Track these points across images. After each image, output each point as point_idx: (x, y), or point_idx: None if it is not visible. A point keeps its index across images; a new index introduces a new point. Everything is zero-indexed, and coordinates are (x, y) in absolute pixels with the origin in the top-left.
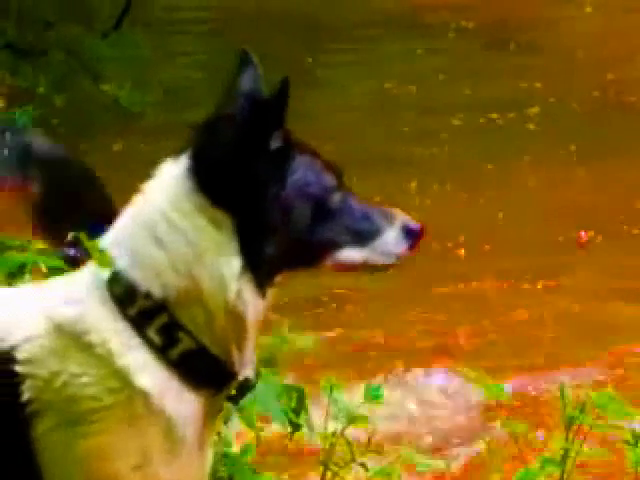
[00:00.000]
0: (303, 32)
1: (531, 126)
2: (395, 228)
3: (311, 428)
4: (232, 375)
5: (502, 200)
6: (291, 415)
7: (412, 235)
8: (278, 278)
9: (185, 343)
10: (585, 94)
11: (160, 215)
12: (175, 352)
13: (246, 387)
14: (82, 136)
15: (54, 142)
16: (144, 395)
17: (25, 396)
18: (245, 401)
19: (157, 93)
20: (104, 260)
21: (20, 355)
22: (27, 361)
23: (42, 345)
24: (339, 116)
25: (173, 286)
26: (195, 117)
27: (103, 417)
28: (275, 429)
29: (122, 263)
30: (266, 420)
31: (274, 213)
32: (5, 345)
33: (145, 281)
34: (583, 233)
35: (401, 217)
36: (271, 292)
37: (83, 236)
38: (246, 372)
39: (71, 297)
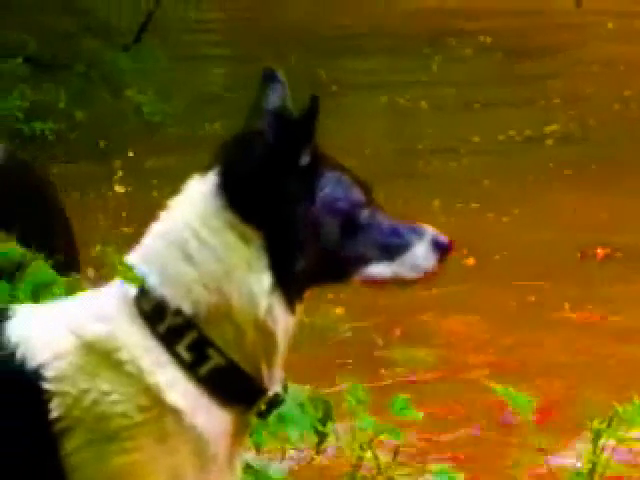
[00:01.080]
0: (319, 46)
1: (550, 142)
2: (424, 242)
3: (338, 439)
4: (262, 391)
5: (527, 218)
6: (318, 426)
7: (441, 249)
8: (306, 294)
9: (215, 360)
10: (605, 110)
11: (190, 232)
12: (205, 369)
13: (275, 402)
14: (113, 151)
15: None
16: (175, 412)
17: (54, 414)
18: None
19: (177, 105)
20: (132, 277)
21: (49, 373)
22: (56, 379)
23: (71, 363)
24: (355, 131)
25: (203, 303)
26: (216, 130)
27: (134, 435)
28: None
29: (151, 280)
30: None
31: (304, 229)
32: (34, 363)
33: (175, 298)
34: (599, 250)
35: (430, 231)
36: (300, 308)
37: (110, 252)
38: (275, 387)
39: (100, 314)
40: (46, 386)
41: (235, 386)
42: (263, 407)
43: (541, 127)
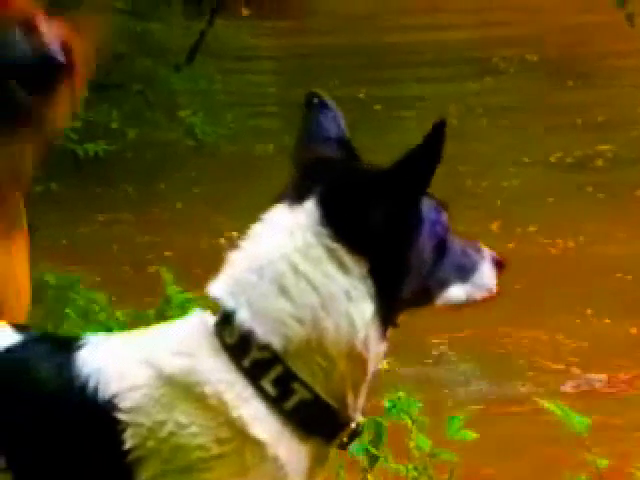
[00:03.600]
0: (366, 67)
1: (600, 163)
2: (486, 261)
3: (389, 464)
4: (346, 423)
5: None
6: (370, 448)
7: (499, 267)
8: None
9: (300, 394)
10: None
11: (287, 264)
12: (290, 403)
13: (356, 433)
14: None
15: None
16: (258, 445)
17: (128, 444)
18: None
19: (230, 125)
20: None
21: (123, 403)
22: (131, 409)
23: (146, 394)
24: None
25: (295, 337)
26: (268, 151)
27: (212, 467)
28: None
29: (241, 314)
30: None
31: (413, 255)
32: (107, 393)
33: (265, 332)
34: None
35: (486, 249)
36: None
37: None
38: (358, 417)
39: (181, 347)
40: (120, 416)
41: (320, 420)
42: (345, 439)
43: (591, 148)
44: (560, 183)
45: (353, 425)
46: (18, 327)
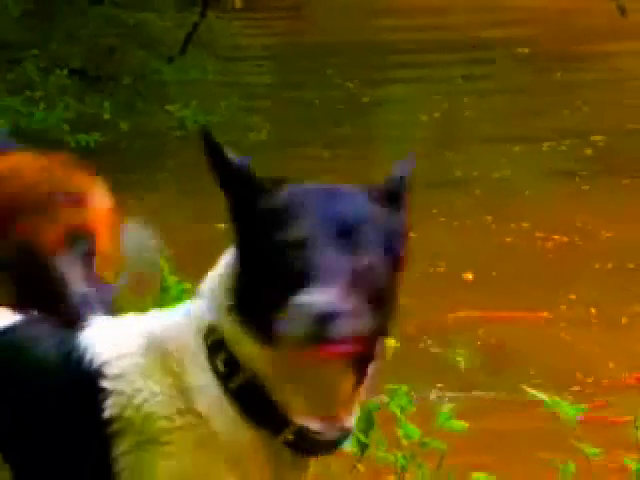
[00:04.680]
0: (357, 60)
1: (588, 151)
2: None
3: (378, 452)
4: (287, 420)
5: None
6: (360, 436)
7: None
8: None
9: (243, 376)
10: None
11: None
12: (234, 384)
13: (326, 447)
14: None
15: None
16: (203, 418)
17: (107, 413)
18: None
19: (221, 116)
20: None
21: (110, 370)
22: (115, 377)
23: (132, 362)
24: (390, 144)
25: (229, 325)
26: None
27: (174, 439)
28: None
29: (203, 305)
30: None
31: None
32: (99, 361)
33: (216, 319)
34: None
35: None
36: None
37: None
38: (328, 432)
39: (167, 322)
40: (105, 384)
41: (259, 407)
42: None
43: (583, 135)
44: (551, 171)
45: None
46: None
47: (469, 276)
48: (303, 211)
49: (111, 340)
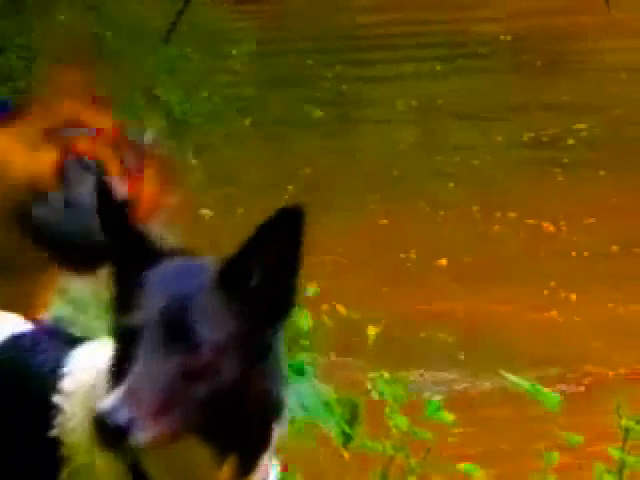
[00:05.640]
0: (341, 48)
1: (571, 141)
2: None
3: (365, 442)
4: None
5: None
6: (344, 426)
7: None
8: None
9: None
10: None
11: None
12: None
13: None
14: None
15: None
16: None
17: (54, 432)
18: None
19: (208, 103)
20: None
21: (65, 387)
22: (67, 394)
23: (83, 381)
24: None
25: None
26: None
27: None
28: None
29: None
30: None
31: None
32: (58, 373)
33: None
34: None
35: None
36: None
37: None
38: None
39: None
40: (56, 401)
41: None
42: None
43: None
44: (532, 162)
45: None
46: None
47: (443, 262)
48: (145, 296)
49: (85, 361)
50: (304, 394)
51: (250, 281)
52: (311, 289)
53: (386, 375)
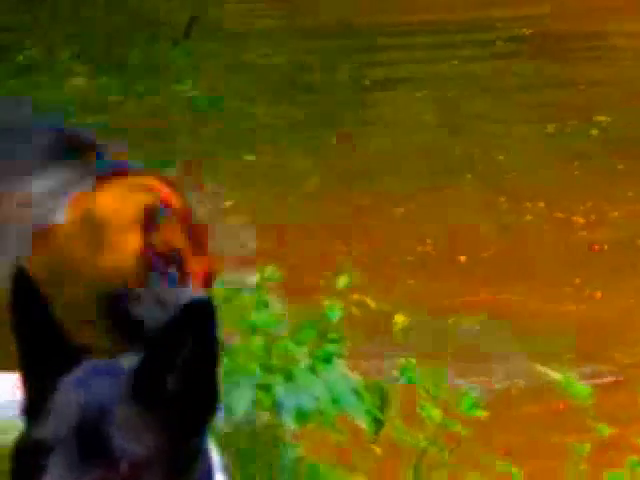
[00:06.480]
0: (363, 46)
1: (594, 132)
2: None
3: (400, 430)
4: None
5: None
6: (375, 412)
7: None
8: None
9: None
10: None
11: None
12: None
13: None
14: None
15: None
16: None
17: None
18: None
19: (230, 96)
20: None
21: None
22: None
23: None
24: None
25: None
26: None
27: None
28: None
29: None
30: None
31: None
32: None
33: None
34: None
35: None
36: None
37: None
38: None
39: None
40: None
41: None
42: None
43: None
44: (557, 154)
45: None
46: None
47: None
48: (58, 406)
49: None
50: (333, 384)
51: (165, 386)
52: (343, 280)
53: (413, 362)
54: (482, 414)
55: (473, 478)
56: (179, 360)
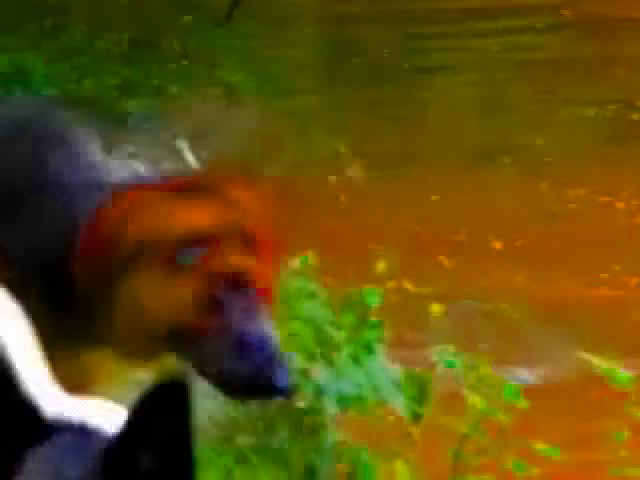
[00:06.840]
0: (404, 34)
1: (635, 116)
2: None
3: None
4: None
5: None
6: (413, 404)
7: None
8: None
9: None
10: None
11: None
12: None
13: None
14: None
15: None
16: None
17: None
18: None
19: (271, 79)
20: None
21: None
22: None
23: None
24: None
25: None
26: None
27: None
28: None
29: None
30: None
31: None
32: None
33: None
34: None
35: None
36: None
37: None
38: None
39: None
40: None
41: None
42: None
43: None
44: (597, 138)
45: None
46: None
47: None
48: None
49: None
50: (372, 372)
51: (138, 466)
52: (380, 266)
53: (450, 349)
54: (523, 403)
55: (514, 464)
56: (154, 440)
